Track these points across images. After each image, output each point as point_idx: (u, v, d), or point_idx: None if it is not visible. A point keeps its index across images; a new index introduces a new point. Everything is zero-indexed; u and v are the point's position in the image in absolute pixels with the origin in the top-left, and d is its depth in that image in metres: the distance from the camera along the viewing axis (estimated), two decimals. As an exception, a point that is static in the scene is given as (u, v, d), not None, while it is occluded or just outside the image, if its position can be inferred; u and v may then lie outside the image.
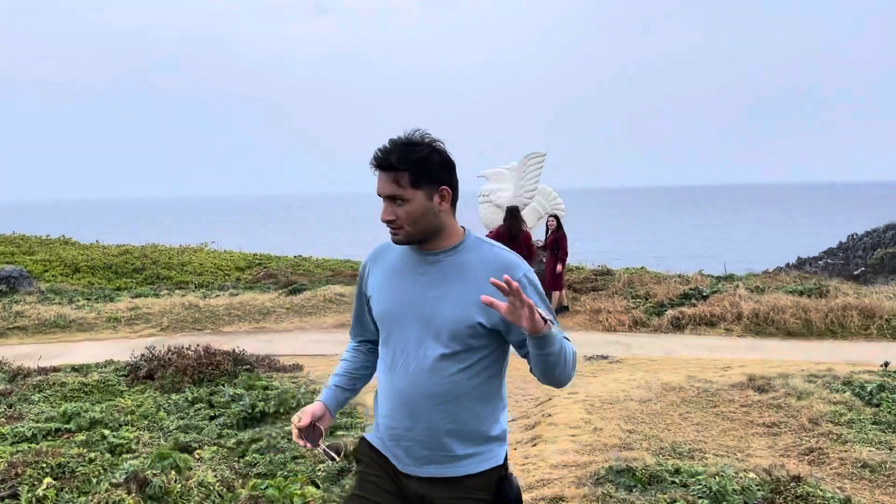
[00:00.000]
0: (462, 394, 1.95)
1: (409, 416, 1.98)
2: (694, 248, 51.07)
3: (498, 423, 2.04)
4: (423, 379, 1.96)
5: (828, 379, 5.99)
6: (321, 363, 8.16)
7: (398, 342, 2.00)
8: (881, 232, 49.41)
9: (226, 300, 13.09)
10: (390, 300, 2.03)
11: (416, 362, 1.97)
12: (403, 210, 1.92)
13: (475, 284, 1.92)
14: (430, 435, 1.97)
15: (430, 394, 1.95)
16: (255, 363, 6.79)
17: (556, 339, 1.81)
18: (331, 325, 11.16)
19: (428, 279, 1.97)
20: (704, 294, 10.59)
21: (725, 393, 6.01)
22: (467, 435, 1.98)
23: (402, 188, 1.92)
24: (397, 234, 1.97)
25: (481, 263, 1.96)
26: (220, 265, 22.86)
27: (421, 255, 2.01)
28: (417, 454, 2.00)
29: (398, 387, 1.99)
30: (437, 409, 1.95)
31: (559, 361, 1.84)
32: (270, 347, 9.33)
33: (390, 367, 2.02)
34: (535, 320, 1.73)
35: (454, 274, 1.96)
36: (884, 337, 9.08)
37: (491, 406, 2.02)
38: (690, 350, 8.55)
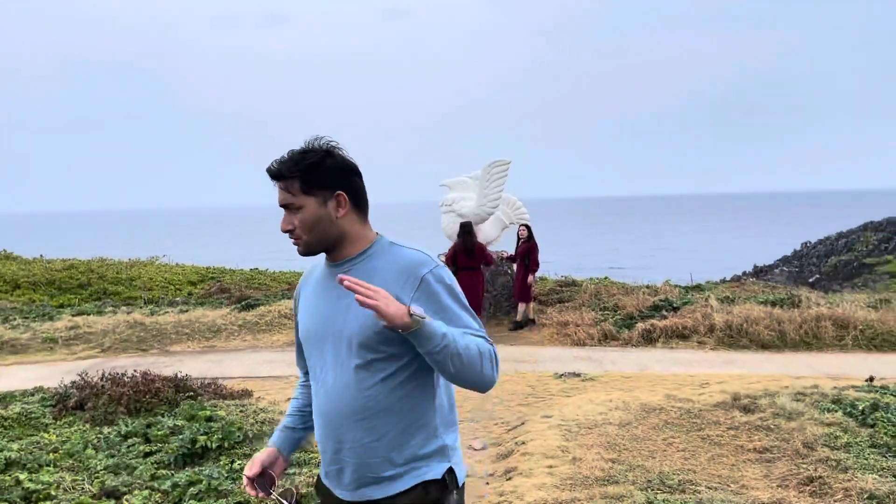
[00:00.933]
0: (383, 408, 1.84)
1: (334, 438, 1.88)
2: (645, 259, 51.45)
3: (435, 439, 1.89)
4: (341, 395, 1.85)
5: (816, 397, 5.65)
6: (273, 387, 7.56)
7: (317, 361, 1.92)
8: (833, 240, 50.46)
9: (174, 317, 12.36)
10: (308, 320, 1.96)
11: (333, 378, 1.87)
12: (298, 218, 1.87)
13: (382, 287, 1.76)
14: (357, 455, 1.85)
15: (350, 410, 1.84)
16: (200, 389, 6.17)
17: (433, 334, 1.69)
18: (285, 343, 10.53)
19: (338, 291, 1.85)
20: (675, 305, 10.28)
21: (709, 414, 5.62)
22: (396, 453, 1.85)
23: (293, 196, 1.86)
24: (298, 244, 1.90)
25: (388, 266, 1.87)
26: (171, 279, 21.95)
27: (332, 267, 1.94)
28: (349, 478, 1.88)
29: (322, 408, 1.90)
30: (358, 426, 1.84)
31: (450, 359, 1.72)
32: (219, 368, 8.70)
33: (314, 389, 1.94)
34: (391, 314, 1.65)
35: (364, 280, 1.80)
36: (859, 348, 8.85)
37: (421, 420, 1.87)
38: (664, 365, 8.18)
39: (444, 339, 1.71)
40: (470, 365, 1.75)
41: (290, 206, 1.88)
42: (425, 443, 1.88)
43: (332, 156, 1.89)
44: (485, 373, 1.78)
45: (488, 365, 1.79)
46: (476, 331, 1.84)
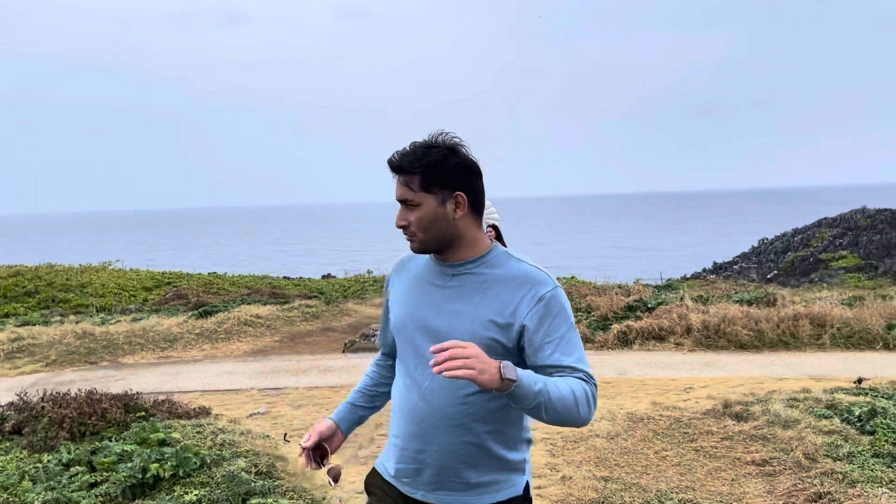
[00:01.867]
0: (478, 417, 1.79)
1: (420, 438, 1.83)
2: (601, 259, 51.74)
3: (517, 452, 1.87)
4: (436, 398, 1.81)
5: (810, 403, 5.39)
6: (233, 402, 7.07)
7: (411, 356, 1.87)
8: (790, 236, 51.43)
9: (126, 326, 11.71)
10: (406, 313, 1.90)
11: (430, 379, 1.82)
12: (415, 215, 1.81)
13: (496, 300, 1.77)
14: (443, 459, 1.81)
15: (444, 415, 1.80)
16: (152, 408, 5.66)
17: (526, 395, 1.62)
18: (245, 352, 10.01)
19: (447, 293, 1.83)
20: (650, 306, 10.04)
21: (700, 423, 5.32)
22: (483, 462, 1.82)
23: (412, 192, 1.81)
24: (412, 241, 1.85)
25: (504, 277, 1.80)
26: (125, 286, 21.12)
27: (442, 266, 1.87)
28: (428, 479, 1.84)
29: (411, 405, 1.86)
30: (450, 431, 1.80)
31: (543, 411, 1.65)
32: (175, 382, 8.16)
33: (404, 384, 1.89)
34: (485, 382, 1.58)
35: (475, 289, 1.81)
36: (837, 346, 8.70)
37: (510, 432, 1.84)
38: (644, 369, 7.90)
39: (537, 398, 1.63)
40: (565, 414, 1.68)
41: (407, 202, 1.82)
42: (510, 455, 1.85)
43: (455, 153, 1.82)
44: (580, 417, 1.71)
45: (584, 409, 1.70)
46: (578, 365, 1.74)
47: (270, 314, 12.42)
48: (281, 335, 11.32)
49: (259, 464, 4.46)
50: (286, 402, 7.01)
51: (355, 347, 9.63)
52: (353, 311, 13.06)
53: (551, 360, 1.73)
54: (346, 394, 2.19)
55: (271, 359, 9.31)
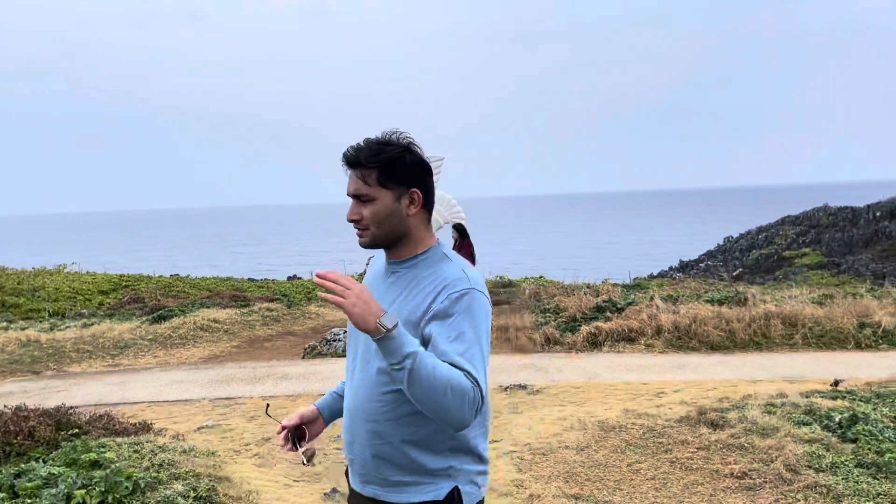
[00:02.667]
0: (391, 417, 1.78)
1: (349, 430, 1.88)
2: (569, 259, 51.81)
3: (440, 457, 1.80)
4: (360, 393, 1.84)
5: (787, 408, 5.15)
6: (181, 414, 6.63)
7: (351, 352, 1.93)
8: (754, 234, 52.07)
9: (76, 332, 11.15)
10: None
11: (359, 375, 1.86)
12: (369, 210, 1.82)
13: (415, 299, 1.78)
14: (363, 453, 1.84)
15: (363, 410, 1.83)
16: (87, 424, 5.21)
17: (397, 350, 1.59)
18: (200, 359, 9.54)
19: (386, 289, 1.87)
20: (619, 306, 9.80)
21: (674, 431, 5.05)
22: (399, 462, 1.80)
23: (368, 186, 1.81)
24: (362, 236, 1.87)
25: (432, 276, 1.81)
26: (80, 289, 20.37)
27: (388, 263, 1.92)
28: (358, 471, 1.88)
29: (347, 399, 1.90)
30: (366, 427, 1.82)
31: (405, 377, 1.59)
32: (121, 392, 7.68)
33: (350, 382, 1.92)
34: (355, 315, 1.59)
35: (405, 285, 1.84)
36: (808, 346, 8.54)
37: (429, 437, 1.79)
38: (614, 373, 7.63)
39: (405, 360, 1.59)
40: (430, 395, 1.59)
41: (362, 196, 1.82)
42: (429, 460, 1.80)
43: (411, 152, 1.85)
44: (450, 408, 1.60)
45: (457, 403, 1.60)
46: (464, 365, 1.65)
47: (229, 318, 11.94)
48: (239, 340, 10.86)
49: (198, 487, 4.06)
50: (238, 413, 6.60)
51: (315, 353, 9.23)
52: (316, 314, 12.64)
53: (437, 351, 1.66)
54: (304, 403, 2.27)
55: (226, 366, 8.86)
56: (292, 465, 5.10)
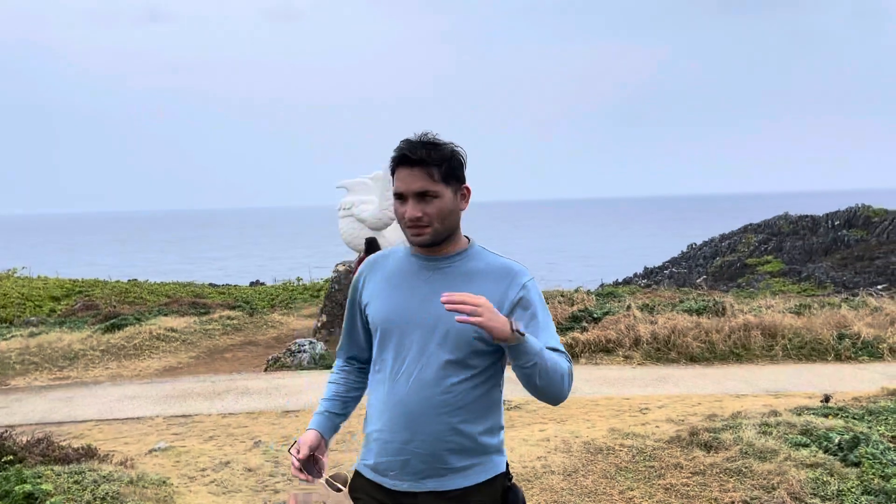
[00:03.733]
0: (464, 404, 1.89)
1: (407, 428, 1.89)
2: (532, 264, 51.76)
3: (496, 436, 1.97)
4: (425, 388, 1.88)
5: (783, 428, 4.87)
6: (132, 434, 6.12)
7: (399, 349, 1.92)
8: (718, 242, 52.73)
9: (21, 342, 10.48)
10: (391, 306, 1.94)
11: (418, 370, 1.89)
12: (434, 206, 1.87)
13: (482, 288, 1.86)
14: (430, 447, 1.88)
15: (431, 404, 1.87)
16: (24, 450, 4.70)
17: (530, 351, 1.78)
18: (154, 371, 8.99)
19: (433, 286, 1.91)
20: (595, 316, 9.51)
21: (665, 454, 4.73)
22: (467, 447, 1.90)
23: (434, 183, 1.87)
24: (423, 234, 1.89)
25: (488, 269, 1.93)
26: (30, 295, 19.43)
27: (425, 260, 1.96)
28: (415, 469, 1.90)
29: (398, 397, 1.90)
30: (439, 419, 1.88)
31: (538, 375, 1.80)
32: (67, 409, 7.12)
33: (389, 377, 1.93)
34: (497, 329, 1.71)
35: (461, 281, 1.90)
36: (789, 358, 8.35)
37: (491, 418, 1.95)
38: (593, 386, 7.32)
39: (537, 357, 1.79)
40: (552, 383, 1.83)
41: (428, 193, 1.85)
42: (492, 438, 1.93)
43: (458, 150, 1.92)
44: (564, 390, 1.87)
45: (567, 383, 1.87)
46: (562, 348, 1.91)
47: (187, 327, 11.36)
48: (198, 351, 10.32)
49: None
50: (195, 432, 6.11)
51: (279, 365, 8.76)
52: (279, 323, 12.13)
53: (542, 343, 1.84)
54: (266, 421, 2.22)
55: (183, 379, 8.34)
56: (253, 492, 4.67)
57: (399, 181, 1.88)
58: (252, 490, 4.68)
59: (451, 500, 1.90)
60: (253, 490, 4.68)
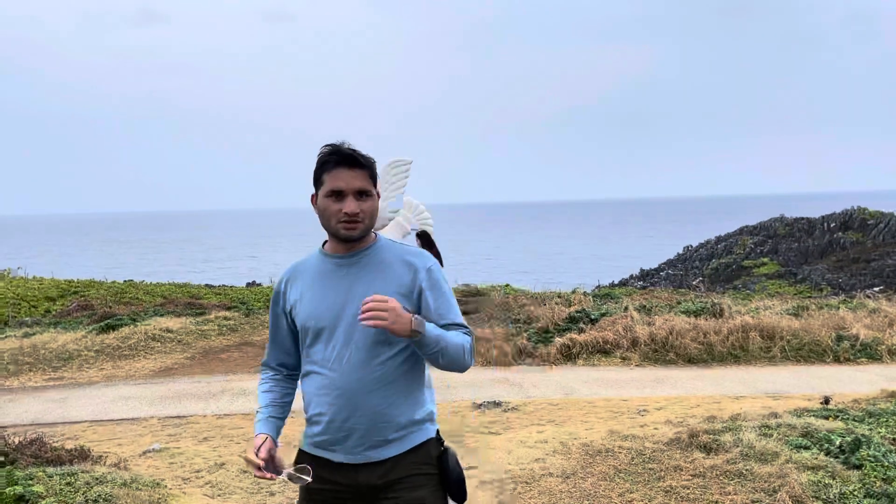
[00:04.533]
0: (394, 379, 2.09)
1: (347, 407, 2.07)
2: (530, 263, 51.67)
3: (424, 407, 2.16)
4: (358, 369, 2.07)
5: (783, 430, 4.84)
6: (126, 435, 6.06)
7: (330, 341, 2.11)
8: (714, 244, 52.72)
9: (15, 343, 10.41)
10: (318, 303, 2.13)
11: (349, 355, 2.08)
12: (367, 205, 2.09)
13: (394, 276, 2.11)
14: (368, 421, 2.07)
15: (366, 381, 2.07)
16: (15, 451, 4.64)
17: (430, 342, 2.01)
18: (150, 372, 8.91)
19: (351, 278, 2.12)
20: (593, 317, 9.47)
21: (665, 455, 4.69)
22: (399, 419, 2.09)
23: (369, 184, 2.09)
24: (355, 229, 2.09)
25: (395, 258, 2.14)
26: (25, 296, 19.32)
27: (338, 258, 2.16)
28: (355, 443, 2.08)
29: (335, 382, 2.09)
30: (373, 395, 2.07)
31: (440, 356, 2.04)
32: (61, 410, 7.06)
33: (325, 366, 2.11)
34: (398, 331, 1.96)
35: (375, 269, 2.12)
36: (787, 359, 8.32)
37: (418, 391, 2.15)
38: (591, 388, 7.28)
39: (437, 344, 2.03)
40: (454, 360, 2.08)
41: (365, 193, 2.09)
42: (420, 409, 2.14)
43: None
44: (466, 362, 2.11)
45: (469, 355, 2.12)
46: (460, 322, 2.14)
47: (183, 327, 11.29)
48: (193, 351, 10.24)
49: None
50: (189, 434, 6.05)
51: (275, 366, 8.70)
52: (275, 324, 12.06)
53: (447, 320, 2.11)
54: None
55: (178, 380, 8.28)
56: (248, 494, 4.62)
57: (339, 179, 2.07)
58: (247, 492, 4.62)
59: (387, 468, 2.09)
60: (248, 492, 4.62)
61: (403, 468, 2.09)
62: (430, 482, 2.11)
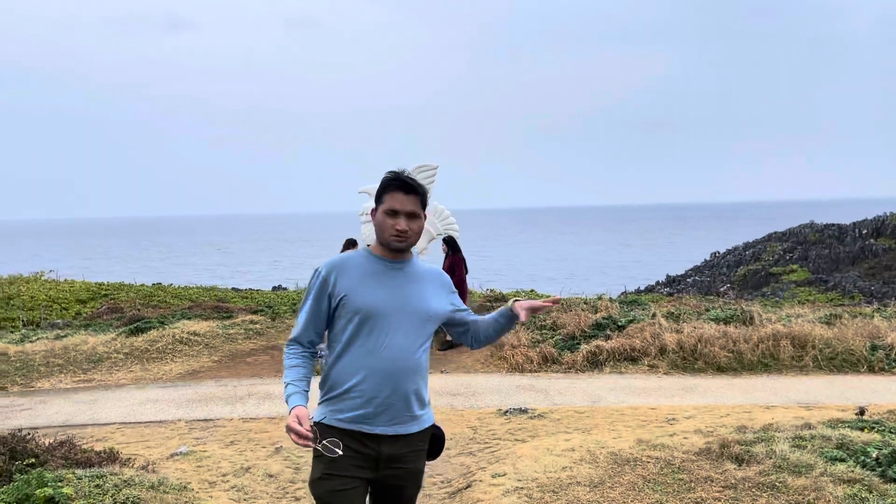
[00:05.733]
0: (422, 366, 2.55)
1: (389, 386, 2.46)
2: (549, 271, 51.34)
3: (428, 392, 2.62)
4: (405, 354, 2.49)
5: (818, 442, 4.72)
6: (154, 437, 6.10)
7: (379, 328, 2.47)
8: (741, 250, 52.01)
9: (46, 345, 10.56)
10: (374, 294, 2.49)
11: (401, 341, 2.48)
12: (415, 224, 2.52)
13: (431, 284, 2.62)
14: (402, 399, 2.48)
15: (409, 365, 2.49)
16: (46, 453, 4.69)
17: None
18: (177, 375, 8.99)
19: (402, 279, 2.55)
20: (620, 324, 9.37)
21: (695, 465, 4.61)
22: (420, 399, 2.55)
23: (419, 208, 2.54)
24: (404, 242, 2.52)
25: (425, 270, 2.66)
26: (57, 298, 19.66)
27: (388, 263, 2.56)
28: (391, 416, 2.47)
29: (382, 364, 2.46)
30: (410, 378, 2.49)
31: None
32: (91, 412, 7.14)
33: (372, 350, 2.47)
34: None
35: (416, 277, 2.59)
36: (819, 369, 8.15)
37: (427, 376, 2.60)
38: (618, 395, 7.20)
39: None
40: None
41: (414, 214, 2.51)
42: (427, 396, 2.60)
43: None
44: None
45: None
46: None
47: (210, 331, 11.38)
48: (220, 355, 10.32)
49: None
50: (216, 437, 6.09)
51: (301, 370, 8.72)
52: (301, 328, 12.10)
53: (470, 315, 2.71)
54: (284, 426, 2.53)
55: (205, 383, 8.34)
56: (274, 499, 4.62)
57: (395, 201, 2.48)
58: (272, 497, 4.63)
59: (404, 442, 2.50)
60: (273, 497, 4.63)
61: (412, 443, 2.52)
62: (422, 457, 2.59)
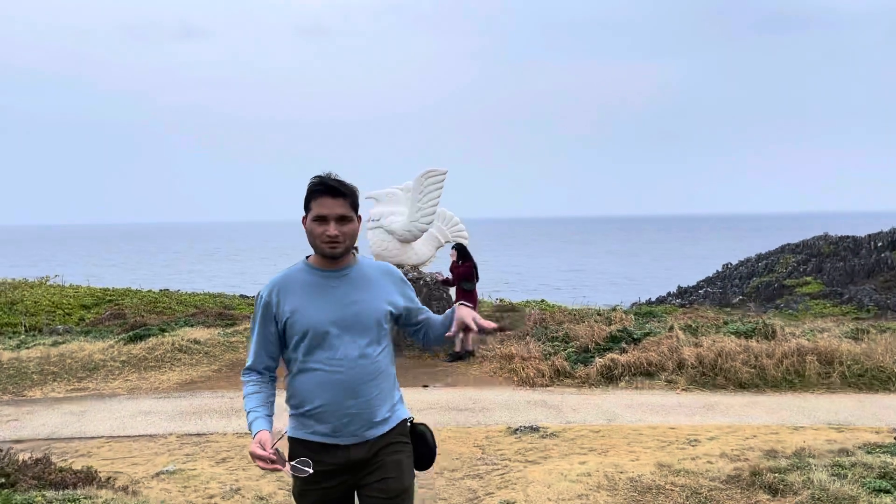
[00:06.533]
0: (381, 370, 2.49)
1: (350, 397, 2.42)
2: (559, 281, 50.84)
3: (398, 391, 2.60)
4: (359, 364, 2.43)
5: (858, 470, 4.32)
6: (143, 453, 5.74)
7: (333, 341, 2.42)
8: (754, 262, 51.34)
9: (42, 351, 10.25)
10: (318, 311, 2.43)
11: (349, 353, 2.42)
12: (348, 228, 2.43)
13: (380, 285, 2.53)
14: (365, 407, 2.44)
15: (366, 374, 2.44)
16: (19, 470, 4.34)
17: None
18: (174, 385, 8.65)
19: (344, 289, 2.46)
20: (635, 337, 8.96)
21: (724, 495, 4.21)
22: (384, 402, 2.49)
23: (349, 210, 2.44)
24: (337, 248, 2.43)
25: (374, 271, 2.56)
26: (60, 303, 19.39)
27: (329, 273, 2.48)
28: (356, 426, 2.43)
29: (339, 378, 2.42)
30: (371, 385, 2.45)
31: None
32: (79, 424, 6.80)
33: (328, 364, 2.42)
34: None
35: (363, 282, 2.50)
36: (847, 387, 7.71)
37: (392, 378, 2.57)
38: (636, 413, 6.79)
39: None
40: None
41: (345, 218, 2.43)
42: (395, 394, 2.57)
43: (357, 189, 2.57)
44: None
45: None
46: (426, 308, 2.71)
47: (211, 339, 11.05)
48: (219, 364, 9.97)
49: None
50: (208, 453, 5.72)
51: (301, 381, 8.37)
52: (305, 337, 11.75)
53: (425, 312, 2.67)
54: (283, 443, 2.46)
55: (201, 394, 7.99)
56: (265, 525, 4.24)
57: (323, 207, 2.39)
58: (263, 522, 4.26)
59: (374, 443, 2.45)
60: (264, 522, 4.26)
61: (386, 439, 2.48)
62: (406, 449, 2.53)
